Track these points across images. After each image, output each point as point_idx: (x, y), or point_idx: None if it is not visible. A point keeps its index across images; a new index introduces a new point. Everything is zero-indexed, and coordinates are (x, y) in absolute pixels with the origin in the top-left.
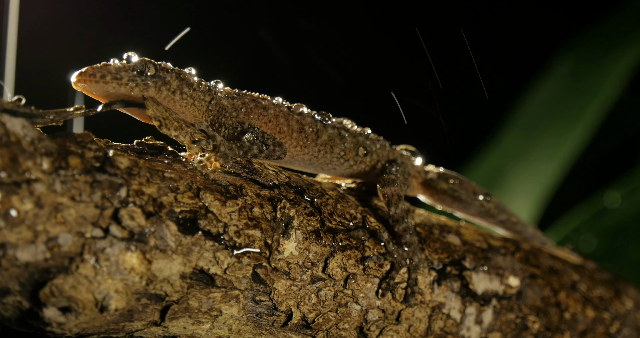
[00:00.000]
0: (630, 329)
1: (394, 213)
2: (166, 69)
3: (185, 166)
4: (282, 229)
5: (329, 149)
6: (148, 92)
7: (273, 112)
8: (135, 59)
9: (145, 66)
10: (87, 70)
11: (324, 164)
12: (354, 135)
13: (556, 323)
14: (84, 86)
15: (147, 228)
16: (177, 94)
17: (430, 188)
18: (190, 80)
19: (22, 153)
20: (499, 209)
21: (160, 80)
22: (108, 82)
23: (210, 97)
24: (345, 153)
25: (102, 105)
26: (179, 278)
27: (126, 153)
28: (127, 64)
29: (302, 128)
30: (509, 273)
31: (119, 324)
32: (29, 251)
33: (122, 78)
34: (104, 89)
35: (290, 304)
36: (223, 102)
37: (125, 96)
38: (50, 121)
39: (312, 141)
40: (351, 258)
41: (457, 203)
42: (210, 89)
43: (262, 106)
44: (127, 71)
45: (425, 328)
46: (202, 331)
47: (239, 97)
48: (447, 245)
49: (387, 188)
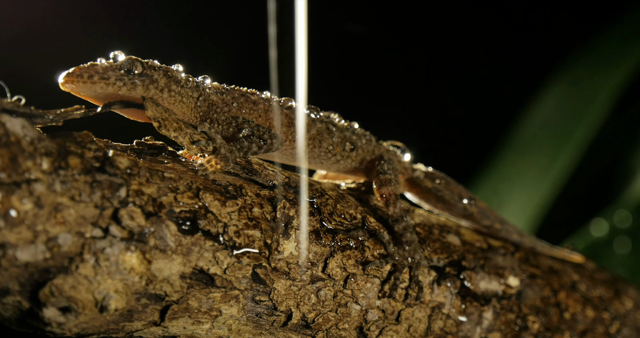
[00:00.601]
0: (630, 329)
1: (393, 212)
2: (153, 67)
3: (184, 166)
4: (281, 229)
5: (317, 143)
6: (136, 91)
7: (263, 106)
8: (122, 58)
9: (133, 65)
10: (74, 71)
11: (311, 158)
12: (341, 129)
13: (556, 323)
14: (72, 86)
15: (146, 228)
16: (165, 92)
17: (416, 186)
18: (177, 77)
19: (21, 153)
20: (482, 214)
21: (148, 78)
22: (96, 82)
23: (198, 94)
24: (333, 147)
25: (102, 105)
26: (178, 278)
27: (126, 153)
28: (114, 63)
29: (291, 122)
30: (509, 273)
31: (118, 324)
32: (29, 251)
33: (110, 78)
34: (92, 90)
35: (290, 304)
36: (212, 97)
37: (113, 95)
38: (50, 121)
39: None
40: (351, 258)
41: (440, 203)
42: (198, 85)
43: (252, 100)
44: (114, 70)
45: (425, 328)
46: (201, 331)
47: (228, 92)
48: (447, 245)
49: (384, 188)
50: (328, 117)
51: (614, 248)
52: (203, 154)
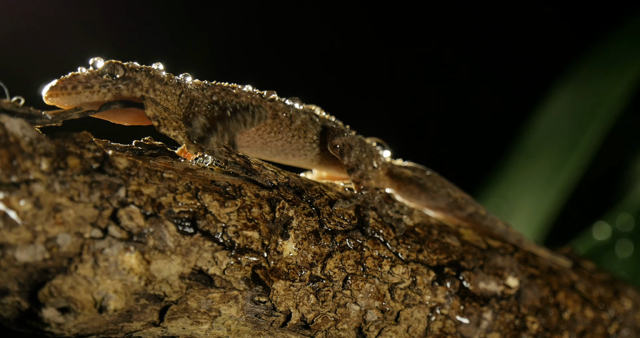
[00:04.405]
0: (629, 330)
1: (348, 162)
2: (134, 69)
3: (184, 166)
4: (280, 229)
5: (302, 134)
6: (121, 95)
7: (245, 99)
8: (101, 64)
9: (114, 68)
10: (57, 84)
11: (296, 150)
12: (324, 121)
13: (555, 323)
14: (57, 100)
15: (145, 228)
16: (150, 92)
17: (398, 180)
18: (160, 76)
19: (20, 154)
20: (466, 200)
21: (131, 81)
22: (80, 92)
23: (180, 91)
24: (317, 138)
25: (101, 106)
26: (177, 279)
27: (125, 153)
28: (94, 70)
29: (275, 114)
30: (508, 274)
31: (117, 324)
32: (28, 252)
33: (94, 86)
34: (78, 100)
35: (289, 304)
36: (193, 93)
37: (100, 103)
38: (49, 122)
39: (286, 126)
40: (350, 258)
41: (424, 193)
42: (179, 82)
43: (234, 94)
44: (96, 78)
45: (424, 328)
46: (201, 331)
47: (209, 87)
48: (446, 245)
49: (337, 139)
50: (310, 109)
51: (616, 251)
52: (203, 153)
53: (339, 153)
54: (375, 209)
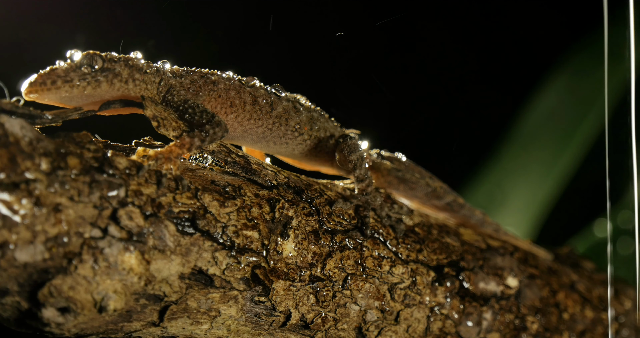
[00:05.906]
0: (629, 329)
1: (359, 174)
2: (113, 59)
3: (184, 166)
4: (280, 229)
5: (283, 121)
6: (101, 88)
7: (223, 86)
8: (78, 56)
9: (92, 60)
10: (36, 79)
11: (277, 137)
12: (308, 110)
13: (555, 323)
14: (37, 96)
15: (145, 228)
16: (130, 82)
17: (377, 171)
18: (139, 65)
19: (20, 153)
20: (444, 190)
21: (110, 72)
22: (60, 87)
23: (159, 79)
24: (300, 126)
25: (101, 105)
26: (177, 279)
27: (125, 153)
28: (72, 63)
29: (255, 100)
30: (508, 274)
31: (117, 324)
32: (28, 252)
33: (73, 79)
34: (58, 95)
35: (289, 304)
36: (171, 82)
37: (79, 96)
38: (48, 122)
39: (267, 113)
40: (350, 258)
41: (403, 184)
42: (158, 70)
43: (212, 81)
44: (75, 71)
45: (424, 328)
46: (200, 331)
47: (188, 75)
48: (446, 245)
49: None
50: (295, 98)
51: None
52: (202, 153)
53: (352, 167)
54: (375, 210)
